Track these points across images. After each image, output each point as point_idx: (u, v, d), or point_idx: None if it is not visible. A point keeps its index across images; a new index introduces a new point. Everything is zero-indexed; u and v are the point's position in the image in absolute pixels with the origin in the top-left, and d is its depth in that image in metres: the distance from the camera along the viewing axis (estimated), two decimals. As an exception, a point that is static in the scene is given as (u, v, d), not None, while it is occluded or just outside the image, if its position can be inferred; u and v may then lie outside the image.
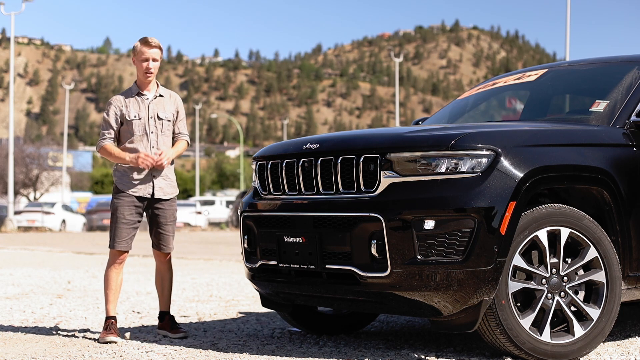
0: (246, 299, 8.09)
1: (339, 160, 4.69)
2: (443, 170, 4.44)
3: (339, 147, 4.74)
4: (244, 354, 4.93)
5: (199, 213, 40.61)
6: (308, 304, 5.28)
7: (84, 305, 7.53)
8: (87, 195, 62.51)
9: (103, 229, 34.93)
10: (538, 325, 4.51)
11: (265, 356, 4.85)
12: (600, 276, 4.63)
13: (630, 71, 5.31)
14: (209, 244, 21.67)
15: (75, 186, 64.48)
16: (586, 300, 4.65)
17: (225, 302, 7.82)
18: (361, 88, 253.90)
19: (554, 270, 4.54)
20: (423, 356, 4.73)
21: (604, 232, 4.67)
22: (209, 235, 29.61)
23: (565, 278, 4.56)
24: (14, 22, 39.03)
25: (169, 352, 5.02)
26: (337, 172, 4.69)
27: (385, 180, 4.51)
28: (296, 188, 4.93)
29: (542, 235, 4.50)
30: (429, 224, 4.33)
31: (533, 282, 4.51)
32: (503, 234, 4.32)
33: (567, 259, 4.60)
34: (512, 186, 4.38)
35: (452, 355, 4.76)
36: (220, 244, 21.15)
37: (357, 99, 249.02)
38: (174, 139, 5.71)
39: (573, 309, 4.59)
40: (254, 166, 5.38)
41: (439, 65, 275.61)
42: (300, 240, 4.77)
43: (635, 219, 4.81)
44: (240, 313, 7.01)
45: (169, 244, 5.67)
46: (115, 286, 5.59)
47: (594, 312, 4.60)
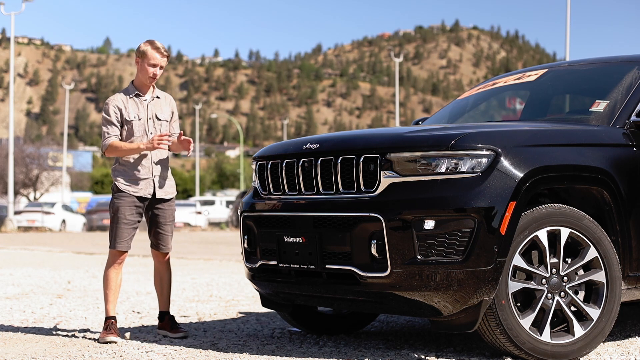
0: (246, 299, 8.09)
1: (339, 160, 4.69)
2: (443, 170, 4.43)
3: (339, 147, 4.74)
4: (244, 354, 4.93)
5: (199, 213, 40.59)
6: (308, 304, 5.28)
7: (84, 305, 7.53)
8: (87, 195, 62.50)
9: (103, 229, 34.92)
10: (538, 325, 4.51)
11: (265, 356, 4.85)
12: (600, 276, 4.63)
13: (630, 71, 5.31)
14: (209, 244, 21.66)
15: (75, 186, 64.48)
16: (586, 300, 4.64)
17: (225, 302, 7.81)
18: (361, 88, 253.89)
19: (554, 270, 4.54)
20: (423, 356, 4.73)
21: (604, 232, 4.66)
22: (209, 235, 29.60)
23: (565, 278, 4.56)
24: (14, 22, 39.05)
25: (169, 352, 5.02)
26: (337, 172, 4.69)
27: (385, 180, 4.51)
28: (296, 188, 4.93)
29: (542, 235, 4.50)
30: (429, 224, 4.33)
31: (533, 282, 4.50)
32: (503, 234, 4.32)
33: (567, 259, 4.60)
34: (512, 186, 4.38)
35: (452, 355, 4.76)
36: (220, 244, 21.14)
37: (357, 99, 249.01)
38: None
39: (573, 309, 4.59)
40: (254, 166, 5.38)
41: (439, 65, 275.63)
42: (300, 240, 4.77)
43: (635, 219, 4.81)
44: (240, 313, 7.01)
45: (167, 244, 5.68)
46: (114, 286, 5.59)
47: (594, 312, 4.60)
